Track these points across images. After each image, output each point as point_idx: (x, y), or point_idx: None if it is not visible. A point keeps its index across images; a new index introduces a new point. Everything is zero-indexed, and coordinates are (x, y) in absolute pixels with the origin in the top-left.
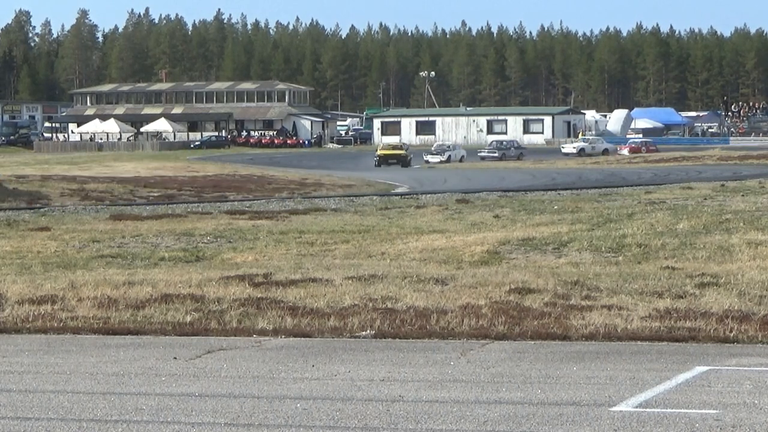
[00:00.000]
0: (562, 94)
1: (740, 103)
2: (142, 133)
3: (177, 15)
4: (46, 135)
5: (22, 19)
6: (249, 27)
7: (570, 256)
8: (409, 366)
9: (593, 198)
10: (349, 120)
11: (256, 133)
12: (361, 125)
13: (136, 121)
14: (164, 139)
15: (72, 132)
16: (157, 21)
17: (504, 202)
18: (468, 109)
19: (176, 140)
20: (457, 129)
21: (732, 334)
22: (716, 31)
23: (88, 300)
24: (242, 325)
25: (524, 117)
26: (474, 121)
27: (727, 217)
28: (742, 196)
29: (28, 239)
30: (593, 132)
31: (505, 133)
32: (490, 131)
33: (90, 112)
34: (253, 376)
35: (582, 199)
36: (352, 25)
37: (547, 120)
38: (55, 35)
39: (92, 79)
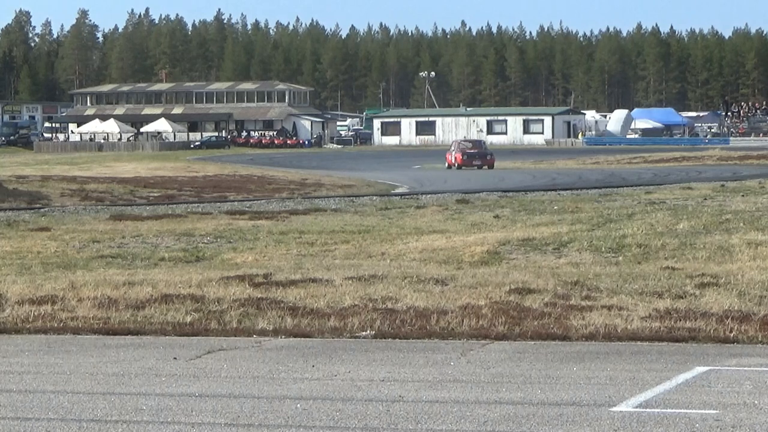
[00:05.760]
0: (562, 94)
1: (740, 103)
2: (142, 133)
3: (177, 15)
4: (46, 135)
5: (22, 20)
6: (249, 27)
7: (570, 257)
8: (409, 366)
9: (593, 198)
10: (349, 120)
11: (256, 133)
12: (361, 125)
13: (136, 122)
14: (164, 139)
15: (72, 132)
16: (157, 21)
17: (504, 202)
18: (468, 109)
19: (176, 140)
20: (457, 129)
21: (732, 335)
22: (716, 31)
23: (88, 300)
24: (242, 326)
25: (524, 117)
26: (474, 121)
27: (727, 217)
28: (742, 196)
29: (28, 239)
30: (593, 132)
31: (505, 133)
32: (490, 131)
33: (90, 112)
34: (253, 376)
35: (582, 199)
36: (352, 26)
37: (547, 120)
38: (55, 35)
39: (92, 79)
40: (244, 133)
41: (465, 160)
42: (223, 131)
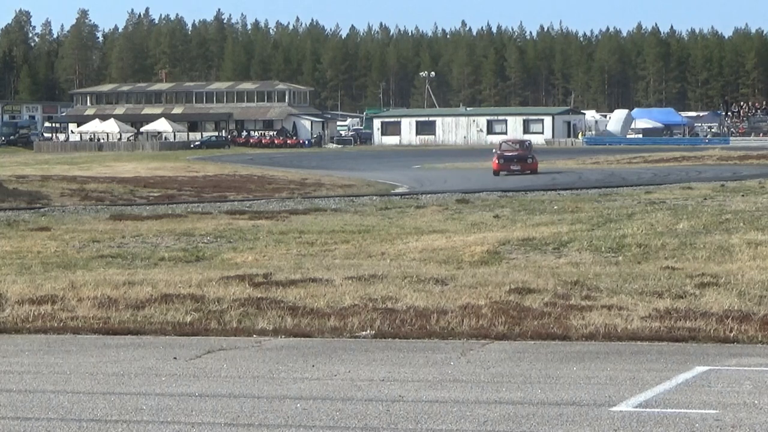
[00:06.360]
0: (562, 94)
1: (740, 103)
2: (142, 133)
3: (177, 15)
4: (46, 135)
5: (22, 19)
6: (249, 27)
7: (570, 256)
8: (409, 366)
9: (593, 198)
10: (349, 120)
11: (256, 133)
12: (361, 125)
13: (136, 121)
14: (164, 139)
15: (72, 132)
16: (157, 21)
17: (504, 202)
18: (468, 109)
19: (176, 140)
20: (457, 129)
21: (732, 334)
22: (716, 31)
23: (88, 300)
24: (242, 325)
25: (524, 117)
26: (474, 121)
27: (727, 217)
28: (742, 196)
29: (28, 239)
30: (593, 132)
31: (505, 133)
32: (490, 131)
33: (90, 112)
34: (253, 376)
35: (582, 199)
36: (352, 25)
37: (547, 120)
38: (55, 35)
39: (92, 79)
40: (244, 133)
41: (502, 164)
42: (223, 131)
